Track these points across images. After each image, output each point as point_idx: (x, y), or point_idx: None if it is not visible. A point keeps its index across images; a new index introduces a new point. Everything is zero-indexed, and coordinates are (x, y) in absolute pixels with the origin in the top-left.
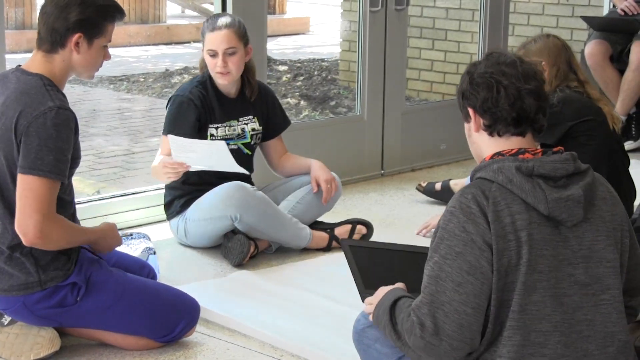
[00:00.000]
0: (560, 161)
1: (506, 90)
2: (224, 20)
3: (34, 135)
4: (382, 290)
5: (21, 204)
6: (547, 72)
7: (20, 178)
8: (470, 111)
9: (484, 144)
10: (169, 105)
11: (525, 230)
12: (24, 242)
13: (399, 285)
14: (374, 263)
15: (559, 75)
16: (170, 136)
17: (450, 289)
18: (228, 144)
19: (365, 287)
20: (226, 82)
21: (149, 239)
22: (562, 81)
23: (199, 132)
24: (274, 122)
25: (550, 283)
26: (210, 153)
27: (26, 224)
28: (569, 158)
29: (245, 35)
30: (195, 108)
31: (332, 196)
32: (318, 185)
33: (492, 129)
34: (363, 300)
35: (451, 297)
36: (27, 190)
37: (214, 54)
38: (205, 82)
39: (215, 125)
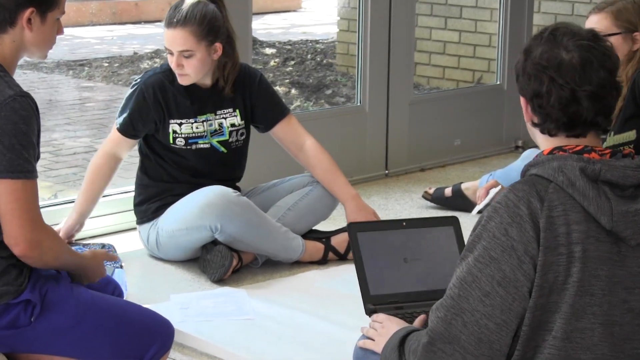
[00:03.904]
0: (632, 167)
1: (559, 92)
2: (182, 13)
3: (0, 133)
4: (389, 324)
5: (7, 213)
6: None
7: None
8: (522, 100)
9: (538, 137)
10: (129, 92)
11: (581, 245)
12: (16, 253)
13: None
14: (387, 253)
15: None
16: (172, 296)
17: (475, 297)
18: (197, 143)
19: (372, 293)
20: (184, 83)
21: (114, 251)
22: None
23: (157, 131)
24: (263, 113)
25: (602, 309)
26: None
27: (16, 235)
28: None
29: (210, 32)
30: (145, 102)
31: None
32: None
33: (541, 127)
34: (366, 312)
35: (474, 306)
36: (11, 197)
37: (170, 52)
38: (172, 70)
39: (177, 121)
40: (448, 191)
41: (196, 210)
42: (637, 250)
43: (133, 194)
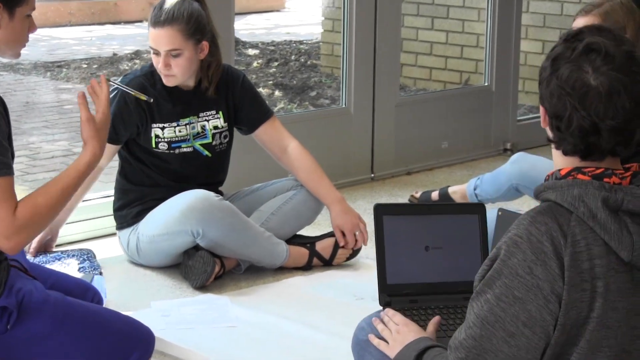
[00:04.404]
0: None
1: (580, 121)
2: (169, 13)
3: None
4: (406, 330)
5: None
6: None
7: None
8: (542, 109)
9: (553, 150)
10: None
11: (603, 280)
12: (6, 252)
13: (426, 332)
14: (409, 240)
15: None
16: (153, 303)
17: (499, 338)
18: (180, 147)
19: (388, 281)
20: (170, 84)
21: (93, 257)
22: None
23: (139, 135)
24: (247, 114)
25: (617, 340)
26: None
27: None
28: None
29: (197, 30)
30: (127, 106)
31: (360, 246)
32: (343, 235)
33: (557, 145)
34: (380, 303)
35: (498, 347)
36: None
37: (156, 52)
38: (153, 72)
39: (160, 125)
40: (435, 195)
41: (177, 215)
42: None
43: (112, 198)
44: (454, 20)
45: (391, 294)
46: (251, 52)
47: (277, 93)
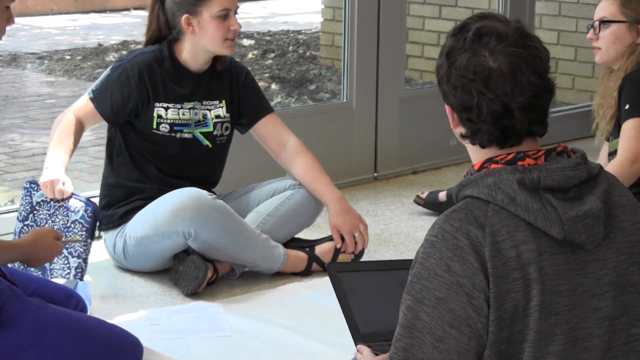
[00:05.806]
0: (571, 167)
1: (489, 105)
2: None
3: None
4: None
5: None
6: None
7: None
8: (447, 108)
9: (468, 147)
10: (110, 68)
11: (535, 264)
12: None
13: None
14: (372, 293)
15: None
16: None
17: (428, 344)
18: (181, 131)
19: (362, 331)
20: (234, 51)
21: (88, 203)
22: None
23: (138, 117)
24: (248, 107)
25: (570, 325)
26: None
27: None
28: (580, 162)
29: None
30: (128, 82)
31: (360, 249)
32: (342, 238)
33: (472, 139)
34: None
35: (429, 354)
36: None
37: (226, 14)
38: (162, 50)
39: (163, 105)
40: (442, 195)
41: (168, 214)
42: (595, 254)
43: (97, 199)
44: (462, 8)
45: (367, 341)
46: (246, 42)
47: (273, 86)
